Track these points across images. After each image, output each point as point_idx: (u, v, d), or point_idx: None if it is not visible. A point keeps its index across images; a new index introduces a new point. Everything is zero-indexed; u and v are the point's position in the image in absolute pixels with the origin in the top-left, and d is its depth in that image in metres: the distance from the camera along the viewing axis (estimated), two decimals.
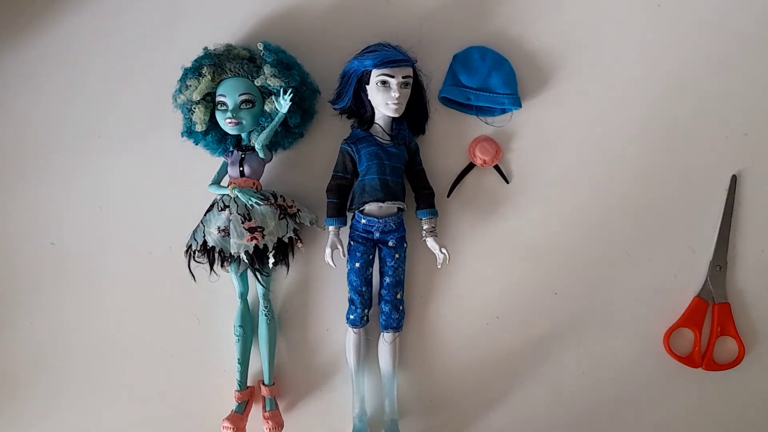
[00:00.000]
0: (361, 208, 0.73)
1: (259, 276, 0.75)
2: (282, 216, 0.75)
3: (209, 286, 0.77)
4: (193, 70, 0.74)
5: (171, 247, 0.80)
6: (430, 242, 0.75)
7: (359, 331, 0.76)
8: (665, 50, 0.79)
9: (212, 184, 0.77)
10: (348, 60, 0.74)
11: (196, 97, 0.73)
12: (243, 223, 0.72)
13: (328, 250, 0.74)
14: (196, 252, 0.75)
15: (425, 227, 0.75)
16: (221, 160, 0.78)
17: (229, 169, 0.76)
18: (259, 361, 0.79)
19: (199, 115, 0.74)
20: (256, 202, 0.73)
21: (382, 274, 0.76)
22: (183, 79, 0.74)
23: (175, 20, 0.82)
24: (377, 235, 0.74)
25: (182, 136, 0.77)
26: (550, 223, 0.79)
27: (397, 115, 0.74)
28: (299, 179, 0.80)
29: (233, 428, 0.75)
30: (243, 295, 0.79)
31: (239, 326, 0.78)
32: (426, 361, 0.80)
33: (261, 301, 0.78)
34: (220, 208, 0.74)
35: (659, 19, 0.79)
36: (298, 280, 0.81)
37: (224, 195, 0.75)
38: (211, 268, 0.75)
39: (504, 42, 0.79)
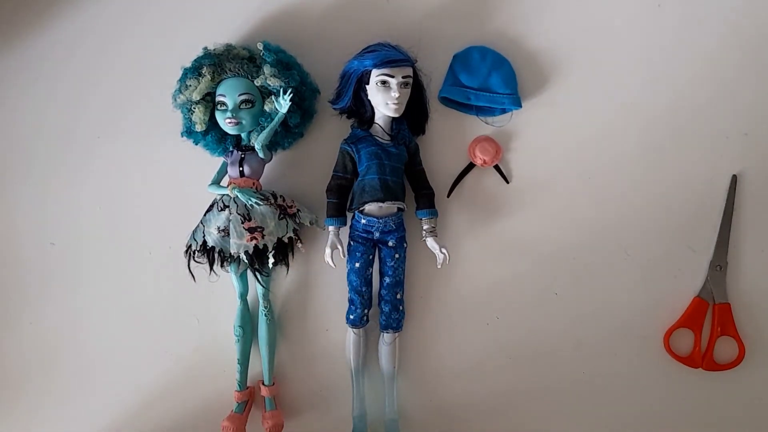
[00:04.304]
0: (361, 208, 0.73)
1: (258, 276, 0.75)
2: (282, 216, 0.75)
3: (209, 286, 0.77)
4: (193, 70, 0.74)
5: (171, 247, 0.79)
6: (430, 242, 0.75)
7: (359, 331, 0.76)
8: (665, 50, 0.79)
9: (212, 184, 0.77)
10: (348, 60, 0.74)
11: (195, 97, 0.73)
12: (243, 223, 0.72)
13: (328, 250, 0.74)
14: (196, 252, 0.75)
15: (425, 227, 0.75)
16: (221, 160, 0.78)
17: (228, 169, 0.76)
18: (259, 361, 0.79)
19: (198, 115, 0.74)
20: (255, 202, 0.73)
21: (381, 274, 0.76)
22: (183, 79, 0.74)
23: (175, 20, 0.82)
24: (377, 235, 0.74)
25: (182, 136, 0.77)
26: (550, 223, 0.79)
27: (397, 115, 0.73)
28: (299, 179, 0.80)
29: (233, 428, 0.75)
30: (243, 295, 0.79)
31: (239, 326, 0.78)
32: (426, 361, 0.80)
33: (261, 302, 0.78)
34: (219, 208, 0.74)
35: (659, 19, 0.79)
36: (298, 280, 0.80)
37: (224, 195, 0.75)
38: (211, 268, 0.75)
39: (504, 42, 0.79)
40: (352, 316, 0.76)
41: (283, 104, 0.72)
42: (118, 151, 0.82)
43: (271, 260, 0.74)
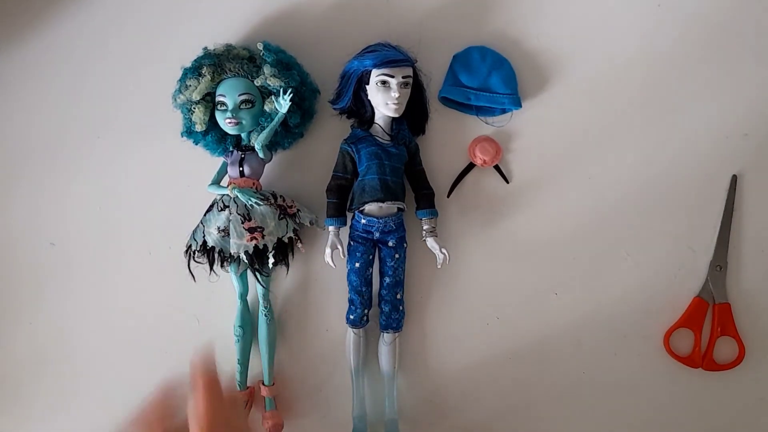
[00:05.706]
0: (361, 208, 0.73)
1: (258, 276, 0.75)
2: (282, 216, 0.75)
3: (209, 286, 0.77)
4: (193, 70, 0.74)
5: (171, 247, 0.80)
6: (430, 242, 0.75)
7: (359, 331, 0.76)
8: (665, 50, 0.79)
9: (212, 184, 0.77)
10: (348, 60, 0.74)
11: (195, 97, 0.73)
12: (243, 223, 0.72)
13: (328, 251, 0.74)
14: (196, 252, 0.75)
15: (425, 227, 0.75)
16: (221, 160, 0.78)
17: (228, 169, 0.76)
18: (259, 361, 0.79)
19: (198, 115, 0.74)
20: (255, 202, 0.73)
21: (381, 275, 0.76)
22: (183, 79, 0.74)
23: (175, 20, 0.82)
24: (377, 235, 0.74)
25: (182, 136, 0.77)
26: (550, 223, 0.79)
27: (397, 115, 0.73)
28: (299, 179, 0.80)
29: None
30: (243, 296, 0.79)
31: (239, 326, 0.78)
32: (426, 361, 0.80)
33: (261, 302, 0.78)
34: (219, 208, 0.74)
35: (659, 18, 0.79)
36: (298, 280, 0.80)
37: (224, 195, 0.75)
38: (211, 269, 0.75)
39: (504, 42, 0.79)
40: (352, 316, 0.76)
41: (283, 104, 0.72)
42: (118, 151, 0.82)
43: (271, 260, 0.74)
